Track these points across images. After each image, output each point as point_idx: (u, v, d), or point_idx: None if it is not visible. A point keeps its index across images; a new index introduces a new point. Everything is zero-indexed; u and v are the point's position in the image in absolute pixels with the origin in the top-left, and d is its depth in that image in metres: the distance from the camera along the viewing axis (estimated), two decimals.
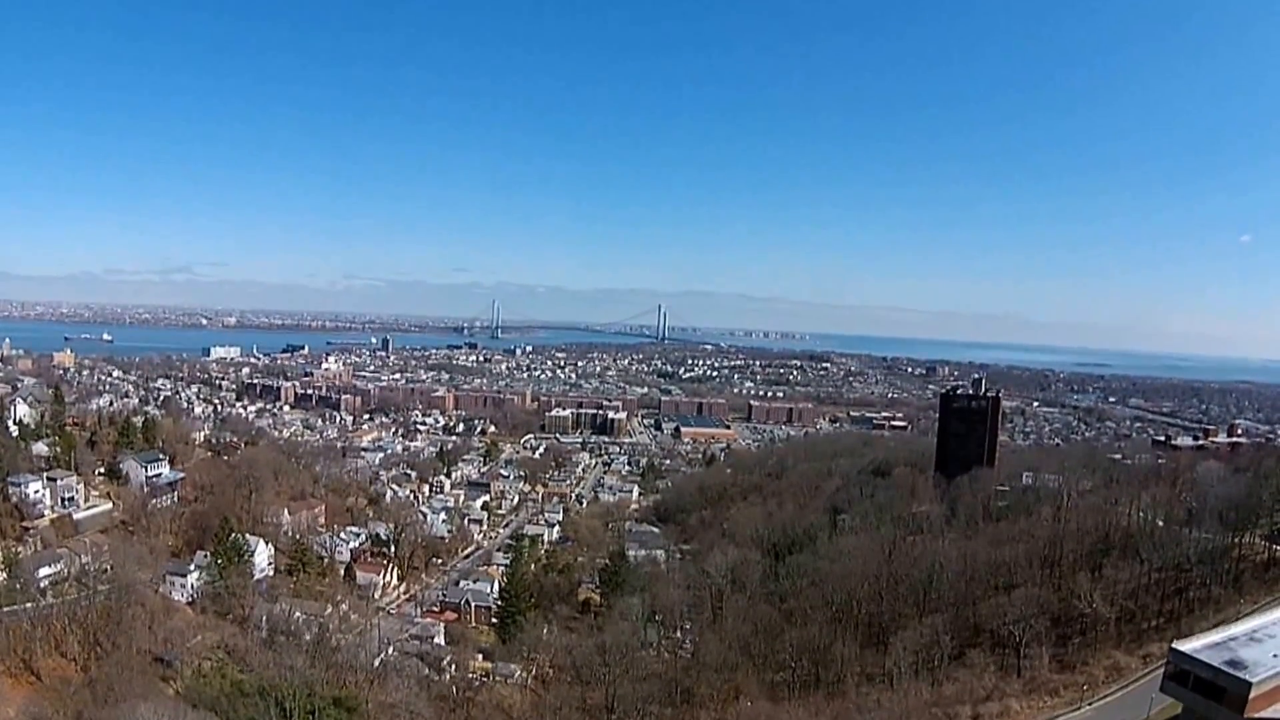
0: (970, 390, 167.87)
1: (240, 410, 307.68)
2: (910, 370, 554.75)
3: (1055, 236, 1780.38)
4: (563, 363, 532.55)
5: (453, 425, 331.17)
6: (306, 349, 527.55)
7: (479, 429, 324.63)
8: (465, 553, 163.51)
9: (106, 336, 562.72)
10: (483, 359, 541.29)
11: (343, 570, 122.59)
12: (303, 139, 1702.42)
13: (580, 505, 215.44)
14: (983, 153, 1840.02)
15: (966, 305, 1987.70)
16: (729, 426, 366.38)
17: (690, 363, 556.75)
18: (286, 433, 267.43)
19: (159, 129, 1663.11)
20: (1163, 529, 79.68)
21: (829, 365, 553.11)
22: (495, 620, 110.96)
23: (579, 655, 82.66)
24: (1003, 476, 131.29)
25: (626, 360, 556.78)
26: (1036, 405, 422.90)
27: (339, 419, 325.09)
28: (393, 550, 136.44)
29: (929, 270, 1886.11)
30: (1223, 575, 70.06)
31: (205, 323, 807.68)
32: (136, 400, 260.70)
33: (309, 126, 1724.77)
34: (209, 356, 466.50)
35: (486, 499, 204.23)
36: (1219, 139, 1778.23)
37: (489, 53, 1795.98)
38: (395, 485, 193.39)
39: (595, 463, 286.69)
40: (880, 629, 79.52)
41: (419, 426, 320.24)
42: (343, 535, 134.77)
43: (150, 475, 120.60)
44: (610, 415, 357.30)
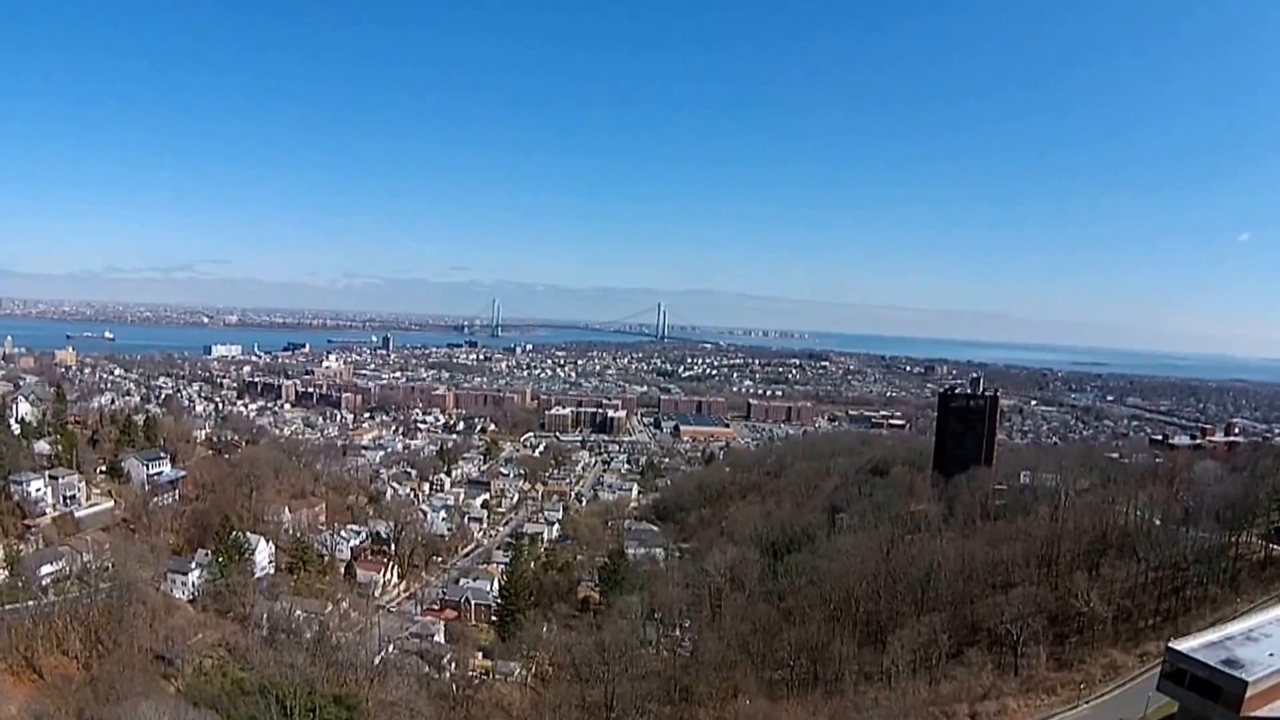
0: (968, 389, 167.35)
1: (241, 408, 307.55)
2: (909, 369, 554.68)
3: (1055, 236, 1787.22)
4: (562, 361, 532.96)
5: (453, 423, 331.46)
6: (307, 347, 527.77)
7: (479, 427, 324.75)
8: (465, 551, 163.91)
9: (108, 335, 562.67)
10: (483, 357, 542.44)
11: (343, 568, 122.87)
12: (303, 136, 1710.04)
13: (580, 503, 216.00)
14: (982, 151, 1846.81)
15: (965, 304, 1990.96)
16: (728, 425, 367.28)
17: (689, 361, 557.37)
18: (287, 431, 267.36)
19: (160, 127, 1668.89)
20: (1160, 528, 79.86)
21: (828, 364, 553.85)
22: (495, 618, 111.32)
23: (578, 653, 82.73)
24: (1000, 475, 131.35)
25: (626, 359, 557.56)
26: (1034, 404, 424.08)
27: (339, 417, 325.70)
28: (393, 548, 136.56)
29: (928, 269, 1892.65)
30: (1219, 574, 70.27)
31: (206, 321, 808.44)
32: (138, 398, 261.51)
33: (309, 124, 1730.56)
34: (210, 355, 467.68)
35: (486, 497, 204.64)
36: (1218, 139, 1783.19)
37: (489, 49, 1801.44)
38: (395, 483, 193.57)
39: (595, 461, 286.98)
40: (878, 627, 79.68)
41: (419, 425, 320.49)
42: (343, 533, 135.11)
43: (151, 473, 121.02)
44: (610, 414, 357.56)
